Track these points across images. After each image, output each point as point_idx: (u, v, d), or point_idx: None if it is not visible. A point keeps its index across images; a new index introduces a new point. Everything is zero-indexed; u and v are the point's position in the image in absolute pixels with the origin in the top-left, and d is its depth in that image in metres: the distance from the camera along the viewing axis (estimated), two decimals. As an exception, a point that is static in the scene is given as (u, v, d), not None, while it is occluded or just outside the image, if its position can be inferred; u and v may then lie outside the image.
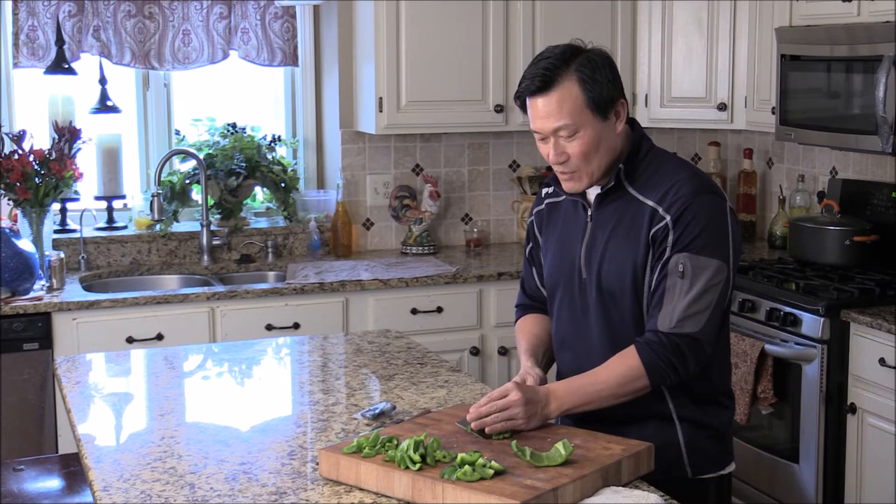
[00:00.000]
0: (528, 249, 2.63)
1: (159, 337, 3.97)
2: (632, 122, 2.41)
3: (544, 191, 2.57)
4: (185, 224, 4.69)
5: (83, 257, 4.40)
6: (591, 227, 2.41)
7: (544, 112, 2.31)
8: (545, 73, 2.29)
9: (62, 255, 4.10)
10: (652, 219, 2.31)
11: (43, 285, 4.03)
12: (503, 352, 4.33)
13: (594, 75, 2.29)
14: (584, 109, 2.28)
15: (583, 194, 2.42)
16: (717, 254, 2.28)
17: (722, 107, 4.54)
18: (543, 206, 2.56)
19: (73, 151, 4.24)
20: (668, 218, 2.29)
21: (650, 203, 2.32)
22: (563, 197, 2.48)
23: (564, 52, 2.32)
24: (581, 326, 2.43)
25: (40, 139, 4.37)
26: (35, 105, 4.53)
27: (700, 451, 2.39)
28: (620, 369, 2.28)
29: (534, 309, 2.62)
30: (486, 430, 2.18)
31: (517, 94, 2.36)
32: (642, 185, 2.35)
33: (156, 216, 4.40)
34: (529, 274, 2.63)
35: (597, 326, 2.39)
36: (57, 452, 3.81)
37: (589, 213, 2.41)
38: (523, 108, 2.37)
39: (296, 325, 4.12)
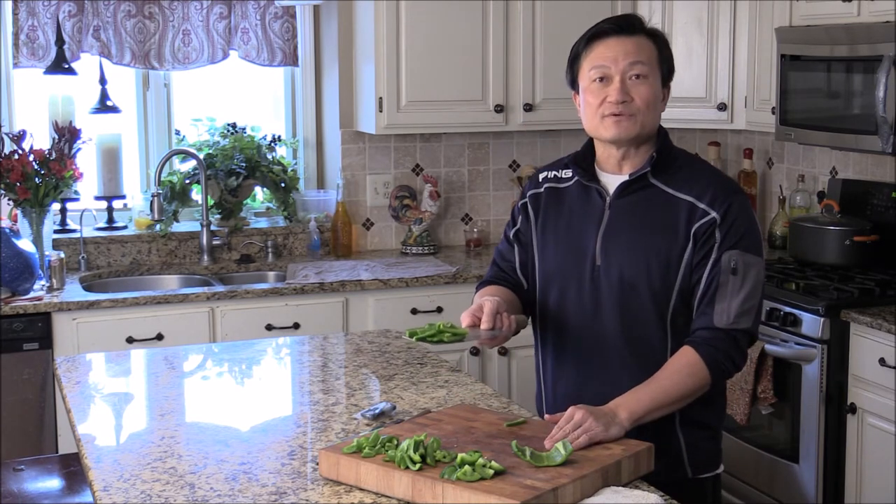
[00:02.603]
0: (512, 231, 2.56)
1: (159, 337, 3.97)
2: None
3: (542, 175, 2.53)
4: (185, 224, 4.69)
5: (83, 257, 4.40)
6: (609, 215, 2.38)
7: (622, 50, 2.33)
8: (627, 19, 2.37)
9: (62, 255, 4.10)
10: (691, 213, 2.31)
11: (43, 285, 4.03)
12: (503, 352, 4.33)
13: (666, 44, 2.40)
14: (656, 65, 2.35)
15: (598, 181, 2.41)
16: (760, 252, 2.34)
17: (722, 107, 4.54)
18: (542, 189, 2.51)
19: (73, 151, 4.24)
20: (713, 214, 2.30)
21: (686, 198, 2.33)
22: (569, 183, 2.46)
23: (638, 17, 2.40)
24: (589, 316, 2.39)
25: (40, 139, 4.37)
26: (35, 105, 4.53)
27: (699, 451, 2.41)
28: (683, 370, 2.27)
29: (497, 283, 2.55)
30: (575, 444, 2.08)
31: (589, 34, 2.37)
32: (670, 179, 2.36)
33: (156, 216, 4.40)
34: (511, 255, 2.56)
35: (610, 315, 2.37)
36: (57, 452, 3.81)
37: (607, 200, 2.40)
38: (575, 60, 2.39)
39: (296, 325, 4.12)
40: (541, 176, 2.54)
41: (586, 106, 2.38)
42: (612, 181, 2.41)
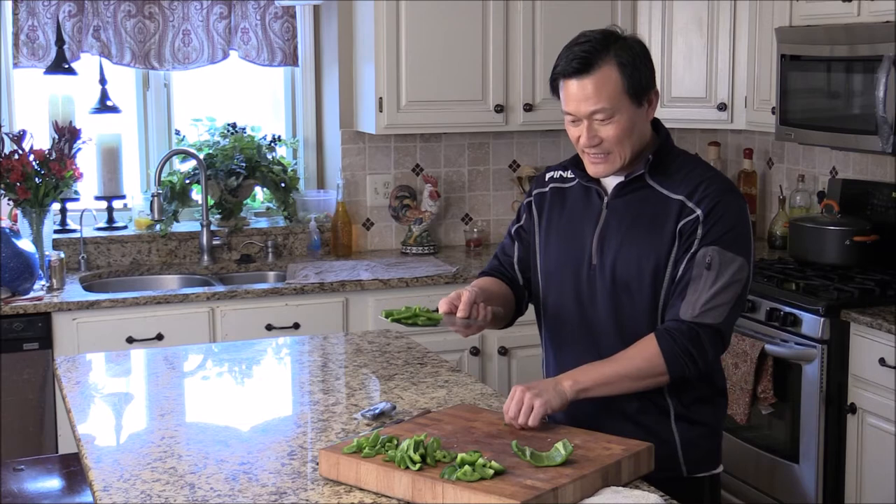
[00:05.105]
0: (515, 227, 2.59)
1: (159, 337, 3.97)
2: (654, 120, 2.42)
3: (549, 175, 2.55)
4: (185, 224, 4.69)
5: (83, 257, 4.40)
6: (605, 215, 2.40)
7: (581, 95, 2.29)
8: (585, 55, 2.28)
9: (62, 255, 4.10)
10: (680, 212, 2.32)
11: (43, 285, 4.03)
12: (503, 352, 4.33)
13: (634, 61, 2.30)
14: (622, 94, 2.29)
15: (598, 181, 2.42)
16: (742, 252, 2.31)
17: (722, 107, 4.55)
18: (547, 189, 2.53)
19: (73, 151, 4.24)
20: (698, 211, 2.30)
21: (678, 198, 2.33)
22: (572, 184, 2.48)
23: (605, 37, 2.31)
24: (587, 315, 2.41)
25: (40, 139, 4.37)
26: (35, 105, 4.53)
27: (695, 450, 2.40)
28: (641, 355, 2.28)
29: (494, 275, 2.59)
30: (528, 423, 2.21)
31: (553, 75, 2.34)
32: (667, 179, 2.36)
33: (156, 216, 4.40)
34: (511, 249, 2.59)
35: (605, 314, 2.38)
36: (57, 452, 3.81)
37: (605, 200, 2.41)
38: (555, 91, 2.36)
39: (296, 325, 4.12)
40: (547, 175, 2.56)
41: (569, 136, 2.39)
42: (610, 181, 2.42)
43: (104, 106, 4.51)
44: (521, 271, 2.57)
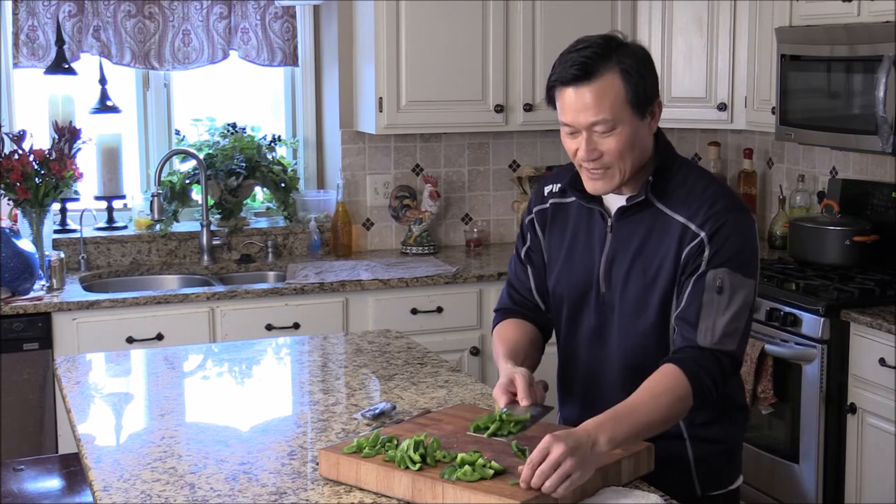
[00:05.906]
0: (523, 250, 2.46)
1: (159, 337, 3.97)
2: (656, 132, 2.29)
3: (547, 189, 2.43)
4: (185, 224, 4.69)
5: (83, 257, 4.40)
6: (611, 239, 2.29)
7: (581, 104, 2.13)
8: (585, 61, 2.12)
9: (62, 255, 4.10)
10: (683, 236, 2.20)
11: (43, 285, 4.03)
12: (503, 352, 4.33)
13: (638, 69, 2.15)
14: (625, 105, 2.14)
15: (600, 202, 2.31)
16: (751, 273, 2.21)
17: (722, 107, 4.55)
18: (548, 205, 2.41)
19: (73, 151, 4.24)
20: (702, 234, 2.18)
21: (680, 219, 2.22)
22: (572, 199, 2.36)
23: (607, 43, 2.16)
24: (595, 342, 2.33)
25: (40, 139, 4.37)
26: (35, 105, 4.53)
27: (709, 468, 2.32)
28: (669, 394, 2.11)
29: (515, 314, 2.45)
30: (555, 494, 1.91)
31: (550, 82, 2.19)
32: (670, 198, 2.24)
33: (156, 216, 4.40)
34: (524, 275, 2.45)
35: (615, 342, 2.30)
36: (57, 452, 3.81)
37: (609, 223, 2.30)
38: (551, 101, 2.21)
39: (296, 325, 4.12)
40: (546, 190, 2.43)
41: (566, 148, 2.26)
42: (612, 201, 2.30)
43: (104, 106, 4.51)
44: (540, 296, 2.44)
